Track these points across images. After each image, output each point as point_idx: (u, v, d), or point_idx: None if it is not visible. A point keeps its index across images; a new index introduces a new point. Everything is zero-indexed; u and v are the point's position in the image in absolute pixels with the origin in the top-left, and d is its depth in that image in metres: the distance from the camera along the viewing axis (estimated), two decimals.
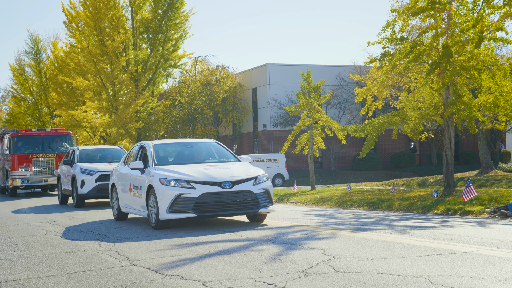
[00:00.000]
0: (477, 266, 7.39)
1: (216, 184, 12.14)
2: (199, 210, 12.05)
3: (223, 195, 12.12)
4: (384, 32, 18.83)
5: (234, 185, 12.22)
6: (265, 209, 12.57)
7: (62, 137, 29.75)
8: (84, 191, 20.70)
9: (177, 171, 12.55)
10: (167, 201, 12.08)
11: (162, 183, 12.26)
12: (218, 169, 12.73)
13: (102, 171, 20.99)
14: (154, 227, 12.57)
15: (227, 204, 12.18)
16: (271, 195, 12.76)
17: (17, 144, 28.83)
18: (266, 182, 12.78)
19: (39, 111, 57.13)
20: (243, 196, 12.27)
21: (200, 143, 14.73)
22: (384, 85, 20.25)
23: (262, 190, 12.50)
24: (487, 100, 18.06)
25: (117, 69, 40.04)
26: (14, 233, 13.05)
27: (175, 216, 12.07)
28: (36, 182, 28.86)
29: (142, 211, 13.48)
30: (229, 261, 8.43)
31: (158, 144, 14.19)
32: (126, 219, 15.23)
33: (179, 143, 14.79)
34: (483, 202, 15.25)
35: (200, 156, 14.16)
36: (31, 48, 57.45)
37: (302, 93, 27.06)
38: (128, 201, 14.34)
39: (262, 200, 12.50)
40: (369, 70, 25.35)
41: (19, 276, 8.05)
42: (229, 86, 43.01)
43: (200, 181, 12.15)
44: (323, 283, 6.83)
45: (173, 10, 41.38)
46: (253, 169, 12.93)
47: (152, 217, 12.66)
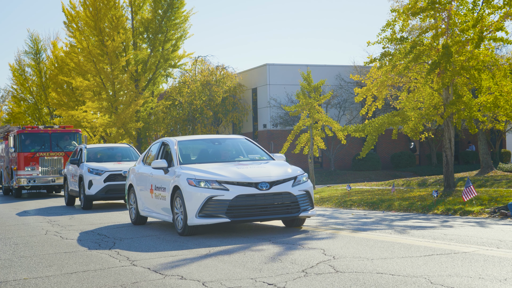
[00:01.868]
0: (477, 266, 7.39)
1: (252, 185, 10.89)
2: (233, 215, 10.78)
3: (259, 197, 10.85)
4: (384, 32, 18.84)
5: (272, 186, 10.96)
6: (305, 213, 11.32)
7: (70, 135, 28.38)
8: (92, 192, 19.61)
9: (207, 170, 11.31)
10: (196, 205, 10.86)
11: (190, 183, 11.04)
12: (252, 168, 11.52)
13: (111, 170, 19.84)
14: (180, 233, 11.36)
15: (264, 207, 10.89)
16: (312, 197, 11.54)
17: (23, 142, 27.37)
18: (306, 182, 11.54)
19: (39, 111, 57.13)
20: (281, 199, 11.00)
21: (229, 139, 13.53)
22: (384, 85, 20.26)
23: (302, 191, 11.26)
24: (487, 100, 18.06)
25: (117, 69, 40.04)
26: (14, 233, 13.05)
27: (205, 221, 10.83)
28: (43, 182, 27.37)
29: (165, 215, 12.27)
30: (229, 261, 8.43)
31: (182, 141, 12.97)
32: (145, 223, 13.97)
33: (206, 140, 13.55)
34: (483, 202, 15.25)
35: (229, 154, 12.93)
36: (31, 48, 57.45)
37: (302, 93, 27.06)
38: (148, 204, 13.15)
39: (303, 203, 11.25)
40: (369, 70, 25.36)
41: (19, 276, 8.05)
42: (229, 86, 43.01)
43: (234, 182, 10.89)
44: (323, 283, 6.83)
45: (173, 10, 41.38)
46: (291, 168, 11.72)
47: (178, 222, 11.44)
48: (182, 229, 11.24)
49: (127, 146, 22.39)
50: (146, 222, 14.08)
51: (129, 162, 20.71)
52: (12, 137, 28.19)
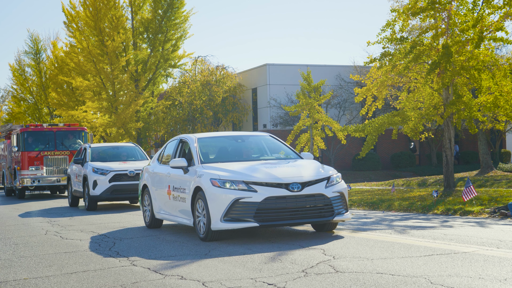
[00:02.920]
0: (477, 266, 7.39)
1: (282, 186, 9.99)
2: (262, 218, 9.87)
3: (290, 199, 9.95)
4: (384, 32, 18.85)
5: (304, 188, 10.06)
6: (340, 216, 10.40)
7: (75, 133, 27.24)
8: (97, 193, 18.93)
9: (231, 170, 10.41)
10: (221, 207, 9.94)
11: (214, 184, 10.13)
12: (281, 167, 10.62)
13: (116, 170, 19.12)
14: (203, 238, 10.45)
15: (295, 210, 10.00)
16: (346, 199, 10.66)
17: (27, 141, 26.29)
18: (340, 183, 10.65)
19: (39, 111, 57.11)
20: (314, 201, 10.11)
21: (253, 136, 12.55)
22: (384, 85, 20.26)
23: (336, 193, 10.36)
24: (487, 100, 18.07)
25: (117, 69, 40.04)
26: (14, 233, 13.04)
27: (231, 226, 9.89)
28: (48, 182, 26.30)
29: (184, 218, 11.34)
30: (229, 261, 8.42)
31: (203, 138, 12.04)
32: (161, 226, 13.08)
33: (228, 137, 12.58)
34: (483, 202, 15.25)
35: (253, 152, 12.04)
36: (31, 48, 57.43)
37: (302, 93, 27.07)
38: (165, 206, 12.25)
39: (337, 206, 10.35)
40: (369, 70, 25.37)
41: (19, 276, 8.05)
42: (229, 86, 43.03)
43: (262, 183, 9.99)
44: (323, 283, 6.83)
45: (173, 10, 41.38)
46: (324, 168, 10.85)
47: (200, 226, 10.57)
48: (205, 234, 10.35)
49: (133, 145, 21.81)
50: (162, 225, 13.21)
51: (135, 161, 20.26)
52: (15, 135, 27.26)
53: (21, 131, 26.50)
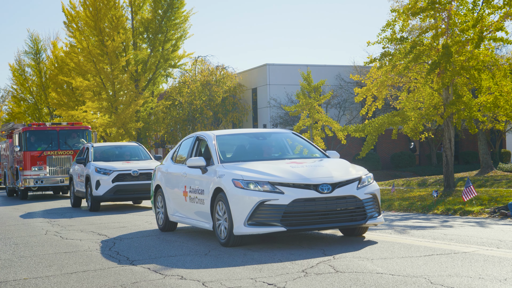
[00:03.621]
0: (477, 266, 7.39)
1: (311, 187, 9.26)
2: (289, 222, 9.14)
3: (320, 202, 9.23)
4: (384, 32, 18.85)
5: (334, 189, 9.32)
6: (373, 220, 9.65)
7: (79, 132, 26.53)
8: (100, 193, 18.50)
9: (255, 170, 9.70)
10: (245, 210, 9.23)
11: (237, 185, 9.42)
12: (309, 167, 9.86)
13: (119, 170, 18.68)
14: (224, 243, 9.74)
15: (325, 214, 9.28)
16: (379, 201, 9.92)
17: (29, 140, 25.62)
18: (372, 184, 9.90)
19: (39, 111, 57.10)
20: (345, 204, 9.38)
21: (275, 133, 11.85)
22: (384, 85, 20.27)
23: (369, 195, 9.63)
24: (487, 100, 18.07)
25: (117, 69, 40.05)
26: (14, 233, 13.04)
27: (256, 231, 9.20)
28: (51, 183, 25.63)
29: (202, 221, 10.65)
30: (229, 261, 8.42)
31: (221, 135, 11.32)
32: (175, 230, 12.39)
33: (248, 134, 11.75)
34: (483, 202, 15.26)
35: (276, 150, 11.32)
36: (31, 48, 57.43)
37: (302, 93, 27.07)
38: (180, 208, 11.56)
39: (369, 209, 9.61)
40: (369, 70, 25.38)
41: (19, 276, 8.05)
42: (229, 86, 43.03)
43: (289, 184, 9.26)
44: (323, 283, 6.83)
45: (173, 10, 41.39)
46: (354, 168, 10.17)
47: (220, 230, 9.85)
48: (226, 239, 9.63)
49: (136, 144, 21.37)
50: (176, 228, 12.51)
51: (138, 161, 19.98)
52: (17, 135, 26.57)
53: (23, 130, 25.94)
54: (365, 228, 10.21)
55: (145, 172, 18.74)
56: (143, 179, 18.63)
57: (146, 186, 18.24)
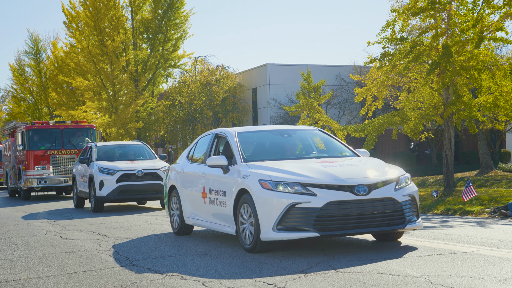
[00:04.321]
0: (477, 266, 7.39)
1: (345, 188, 8.53)
2: (322, 227, 8.42)
3: (356, 204, 8.49)
4: (384, 32, 18.86)
5: (371, 190, 8.59)
6: (412, 224, 8.89)
7: (83, 131, 25.75)
8: (103, 194, 17.97)
9: (283, 169, 8.98)
10: (274, 214, 8.50)
11: (264, 186, 8.70)
12: (342, 166, 9.15)
13: (124, 170, 18.13)
14: (249, 249, 9.03)
15: (361, 218, 8.54)
16: (417, 204, 9.16)
17: (32, 139, 24.92)
18: (410, 185, 9.15)
19: (39, 111, 57.11)
20: (382, 206, 8.65)
21: (300, 130, 11.06)
22: (384, 85, 20.27)
23: (407, 197, 8.87)
24: (487, 100, 18.08)
25: (117, 69, 40.05)
26: (14, 233, 13.04)
27: (286, 236, 8.47)
28: (55, 183, 24.88)
29: (223, 225, 9.92)
30: (228, 261, 8.43)
31: (243, 132, 10.55)
32: (191, 233, 11.68)
33: (272, 131, 11.04)
34: (483, 202, 15.26)
35: (301, 149, 10.57)
36: (31, 48, 57.42)
37: (302, 93, 27.08)
38: (198, 211, 10.81)
39: (408, 212, 8.86)
40: (369, 70, 25.39)
41: (19, 276, 8.05)
42: (229, 86, 43.05)
43: (322, 185, 8.54)
44: (323, 283, 6.83)
45: (173, 10, 41.40)
46: (389, 167, 9.45)
47: (245, 235, 9.13)
48: (252, 245, 8.92)
49: (141, 143, 20.78)
50: (192, 232, 11.78)
51: (143, 160, 19.44)
52: (19, 133, 25.71)
53: (26, 128, 25.23)
54: (400, 233, 9.53)
55: (150, 172, 18.28)
56: (148, 179, 18.21)
57: (151, 186, 17.94)
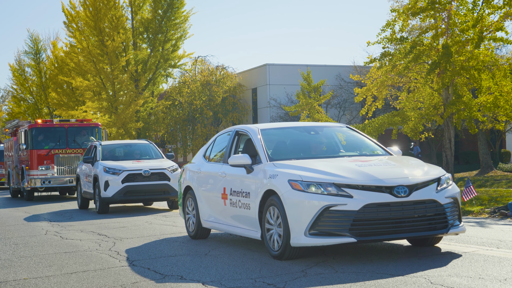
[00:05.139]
0: (477, 266, 7.39)
1: (384, 189, 7.83)
2: (359, 232, 7.72)
3: (395, 207, 7.79)
4: (384, 32, 18.88)
5: (412, 192, 7.88)
6: (454, 229, 8.21)
7: (88, 130, 24.98)
8: (109, 194, 17.30)
9: (314, 169, 8.26)
10: (306, 218, 7.80)
11: (295, 187, 7.99)
12: (377, 165, 8.42)
13: (130, 170, 17.47)
14: (277, 255, 8.30)
15: (400, 222, 7.83)
16: (460, 206, 8.45)
17: (36, 138, 24.15)
18: (453, 186, 8.41)
19: (39, 111, 57.11)
20: (424, 209, 7.93)
21: (327, 127, 10.29)
22: (384, 85, 20.28)
23: (449, 199, 8.14)
24: (487, 100, 18.08)
25: (117, 69, 40.06)
26: (14, 233, 13.04)
27: (319, 242, 7.77)
28: (59, 183, 24.13)
29: (247, 229, 9.18)
30: (228, 261, 8.43)
31: (267, 129, 9.88)
32: (207, 237, 10.98)
33: (298, 128, 10.24)
34: (483, 202, 15.26)
35: (330, 146, 9.81)
36: (31, 48, 57.43)
37: (302, 93, 27.09)
38: (218, 213, 10.07)
39: (450, 215, 8.13)
40: (369, 70, 25.40)
41: (19, 276, 8.05)
42: (229, 86, 43.06)
43: (358, 185, 7.85)
44: (323, 283, 6.83)
45: (173, 10, 41.41)
46: (428, 166, 8.68)
47: (272, 240, 8.41)
48: (281, 251, 8.21)
49: (147, 142, 20.06)
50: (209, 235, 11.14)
51: (149, 160, 18.73)
52: (23, 132, 24.96)
53: (29, 127, 24.43)
54: (438, 238, 8.84)
55: (157, 171, 17.62)
56: (155, 179, 17.57)
57: (159, 186, 17.46)
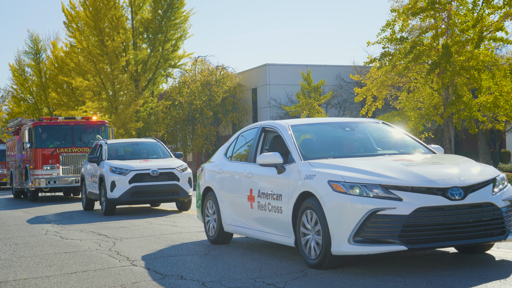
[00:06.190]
0: (477, 266, 7.40)
1: (436, 191, 7.00)
2: (410, 239, 6.92)
3: (449, 211, 6.96)
4: (384, 32, 18.90)
5: (467, 194, 7.05)
6: None
7: (95, 127, 24.17)
8: (115, 195, 16.49)
9: (355, 168, 7.46)
10: (349, 223, 7.02)
11: (336, 189, 7.20)
12: (426, 164, 7.59)
13: (137, 169, 16.65)
14: (315, 264, 7.53)
15: (454, 227, 6.98)
16: None
17: (40, 136, 23.40)
18: (508, 187, 7.56)
19: (39, 111, 57.13)
20: (480, 214, 7.10)
21: (362, 123, 9.39)
22: (384, 85, 20.29)
23: (507, 202, 7.32)
24: (487, 100, 18.09)
25: (117, 69, 40.07)
26: (14, 233, 13.05)
27: (364, 250, 6.99)
28: (64, 183, 23.32)
29: (278, 234, 8.39)
30: (228, 261, 8.43)
31: (298, 125, 9.04)
32: (229, 242, 10.26)
33: (331, 124, 9.45)
34: None
35: (367, 144, 8.96)
36: (31, 48, 57.44)
37: (302, 93, 27.09)
38: (243, 217, 9.29)
39: (508, 220, 7.29)
40: (369, 70, 25.40)
41: (19, 276, 8.05)
42: (229, 86, 43.06)
43: (407, 187, 7.02)
44: (323, 283, 6.83)
45: (173, 10, 41.42)
46: (482, 165, 7.84)
47: (309, 247, 7.63)
48: (320, 259, 7.42)
49: (154, 141, 19.31)
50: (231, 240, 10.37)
51: (157, 159, 17.88)
52: (26, 130, 24.00)
53: (33, 125, 23.60)
54: (490, 245, 8.13)
55: (166, 171, 16.79)
56: (164, 180, 16.75)
57: (167, 187, 16.76)
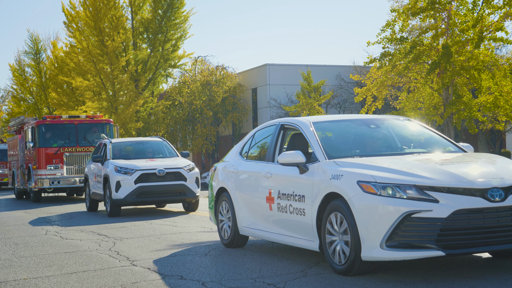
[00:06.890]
0: (477, 266, 7.40)
1: (475, 192, 6.52)
2: (448, 244, 6.46)
3: (490, 213, 6.51)
4: (384, 32, 18.91)
5: (507, 195, 6.57)
6: None
7: (99, 126, 23.59)
8: (121, 196, 15.94)
9: (385, 168, 6.95)
10: (382, 226, 6.53)
11: (367, 190, 6.69)
12: (462, 164, 7.10)
13: (143, 169, 16.12)
14: (343, 270, 7.05)
15: (494, 231, 6.56)
16: None
17: (43, 135, 22.76)
18: None
19: (39, 111, 57.12)
20: None
21: (390, 120, 8.79)
22: (384, 85, 20.30)
23: None
24: (487, 100, 18.10)
25: (117, 69, 40.07)
26: (14, 233, 13.05)
27: (398, 255, 6.51)
28: (68, 183, 22.76)
29: (300, 238, 7.92)
30: (228, 261, 8.43)
31: (320, 122, 8.55)
32: (244, 246, 9.76)
33: (355, 121, 8.81)
34: None
35: (391, 142, 8.35)
36: (31, 48, 57.44)
37: (302, 93, 27.10)
38: (260, 219, 8.80)
39: None
40: (369, 70, 25.41)
41: (19, 276, 8.05)
42: (229, 86, 43.07)
43: (443, 188, 6.52)
44: (323, 283, 6.83)
45: (173, 10, 41.44)
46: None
47: (336, 252, 7.13)
48: (348, 265, 6.95)
49: (160, 139, 18.81)
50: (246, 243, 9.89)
51: (164, 158, 17.45)
52: (29, 129, 23.47)
53: (37, 124, 22.99)
54: None
55: (173, 171, 16.30)
56: (171, 180, 16.27)
57: (174, 187, 16.31)
